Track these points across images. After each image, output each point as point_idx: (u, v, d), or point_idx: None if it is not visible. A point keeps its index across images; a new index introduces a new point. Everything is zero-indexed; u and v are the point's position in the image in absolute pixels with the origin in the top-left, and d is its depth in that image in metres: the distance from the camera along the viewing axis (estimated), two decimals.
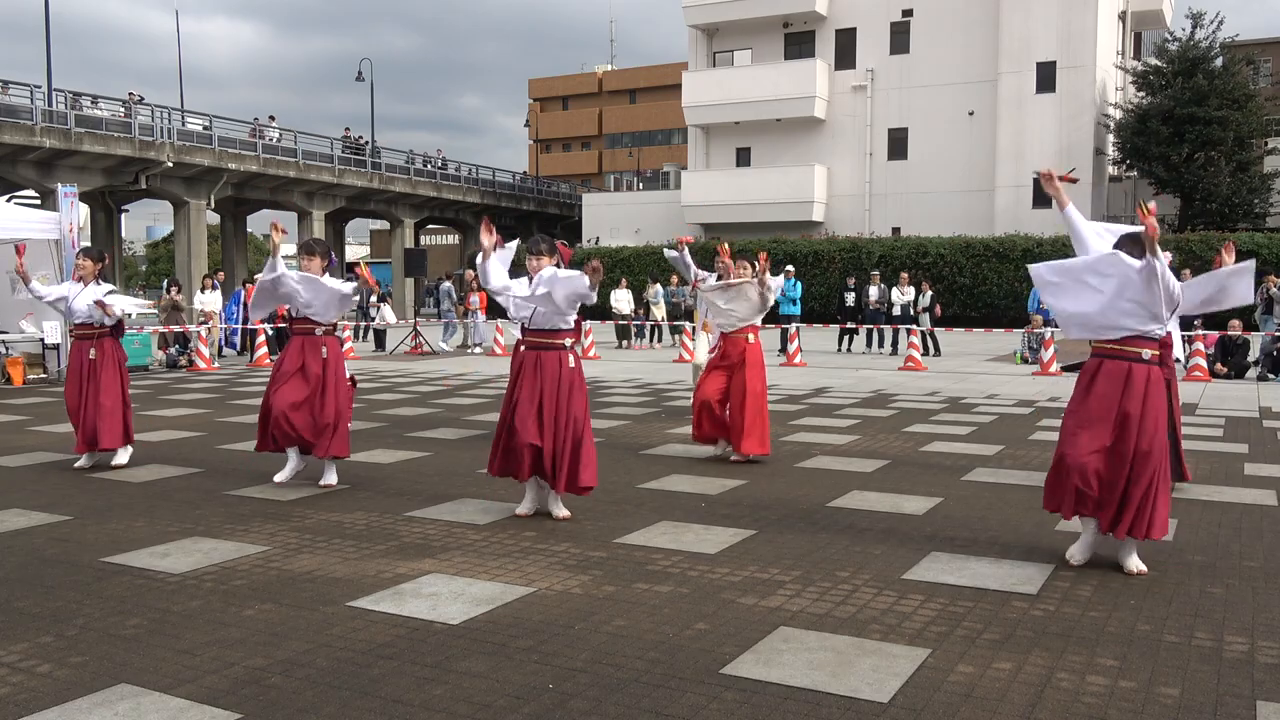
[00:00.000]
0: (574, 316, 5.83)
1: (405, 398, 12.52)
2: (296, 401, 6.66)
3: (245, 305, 19.80)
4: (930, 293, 20.81)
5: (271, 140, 36.16)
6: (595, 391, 12.98)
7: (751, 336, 7.87)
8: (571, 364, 5.75)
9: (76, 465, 7.53)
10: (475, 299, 22.53)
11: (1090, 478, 4.62)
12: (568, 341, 5.78)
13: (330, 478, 6.80)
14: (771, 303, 7.90)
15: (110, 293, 7.62)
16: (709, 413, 7.84)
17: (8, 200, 15.88)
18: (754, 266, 7.72)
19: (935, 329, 20.37)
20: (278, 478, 6.82)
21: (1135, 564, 4.67)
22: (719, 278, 7.97)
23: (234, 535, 5.41)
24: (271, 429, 6.73)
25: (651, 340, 24.23)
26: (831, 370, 16.67)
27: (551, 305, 5.68)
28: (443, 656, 3.63)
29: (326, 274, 6.80)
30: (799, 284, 21.72)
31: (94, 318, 7.59)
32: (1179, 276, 5.02)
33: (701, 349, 9.44)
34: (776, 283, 7.88)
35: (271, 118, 37.89)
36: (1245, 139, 32.86)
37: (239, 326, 20.36)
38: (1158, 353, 4.66)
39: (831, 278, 31.34)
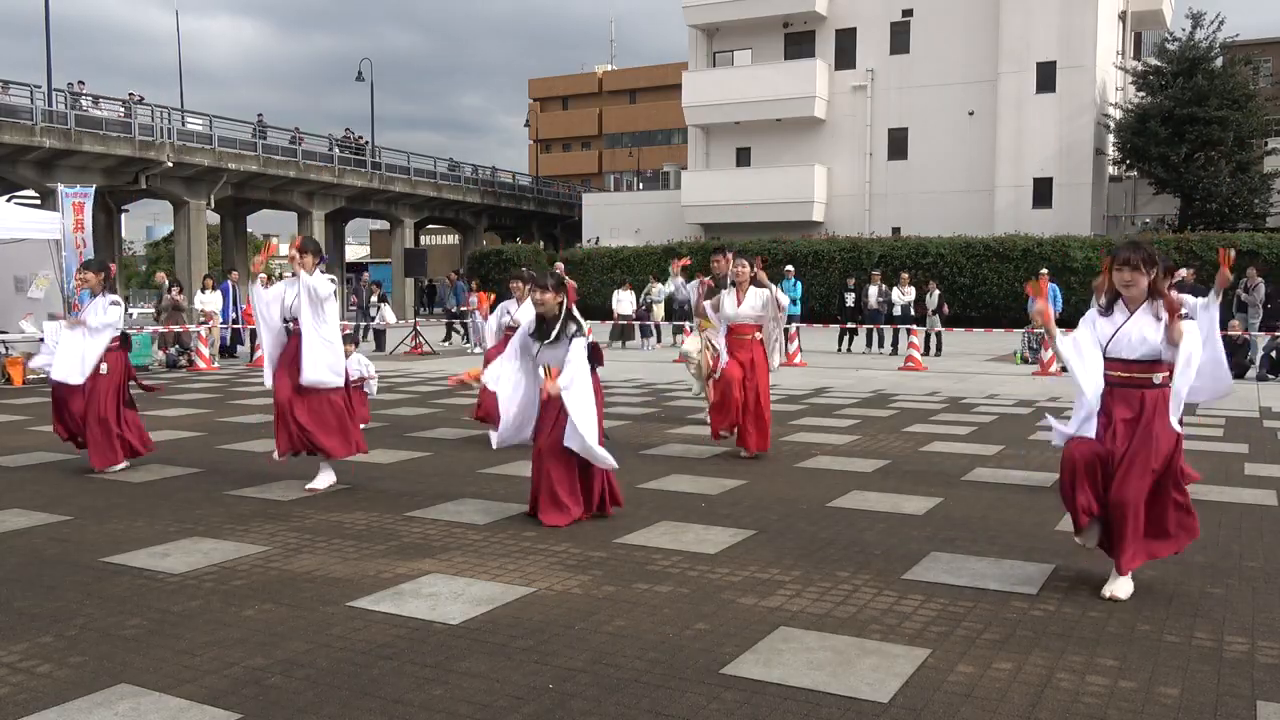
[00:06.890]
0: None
1: (405, 398, 12.52)
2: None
3: (242, 306, 19.72)
4: (938, 292, 20.74)
5: (84, 110, 30.13)
6: None
7: (757, 334, 8.06)
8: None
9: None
10: (474, 299, 22.47)
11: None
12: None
13: (319, 481, 6.75)
14: (784, 301, 8.08)
15: (114, 304, 7.57)
16: (731, 399, 7.90)
17: (8, 200, 15.88)
18: (751, 265, 7.94)
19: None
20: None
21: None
22: (731, 283, 8.07)
23: (234, 535, 5.41)
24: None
25: (659, 339, 24.23)
26: (831, 370, 16.66)
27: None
28: (443, 656, 3.63)
29: (317, 270, 6.76)
30: (799, 284, 21.68)
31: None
32: (1179, 278, 4.83)
33: (691, 342, 9.40)
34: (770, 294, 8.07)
35: (81, 83, 32.84)
36: (1245, 139, 32.81)
37: (236, 327, 20.22)
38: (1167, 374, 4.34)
39: (831, 278, 31.30)
